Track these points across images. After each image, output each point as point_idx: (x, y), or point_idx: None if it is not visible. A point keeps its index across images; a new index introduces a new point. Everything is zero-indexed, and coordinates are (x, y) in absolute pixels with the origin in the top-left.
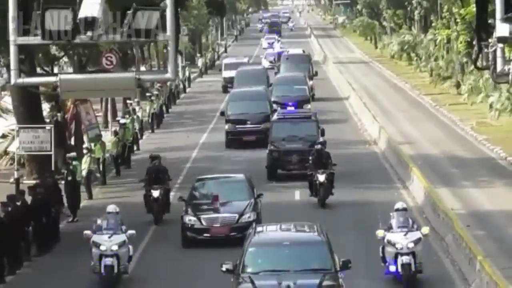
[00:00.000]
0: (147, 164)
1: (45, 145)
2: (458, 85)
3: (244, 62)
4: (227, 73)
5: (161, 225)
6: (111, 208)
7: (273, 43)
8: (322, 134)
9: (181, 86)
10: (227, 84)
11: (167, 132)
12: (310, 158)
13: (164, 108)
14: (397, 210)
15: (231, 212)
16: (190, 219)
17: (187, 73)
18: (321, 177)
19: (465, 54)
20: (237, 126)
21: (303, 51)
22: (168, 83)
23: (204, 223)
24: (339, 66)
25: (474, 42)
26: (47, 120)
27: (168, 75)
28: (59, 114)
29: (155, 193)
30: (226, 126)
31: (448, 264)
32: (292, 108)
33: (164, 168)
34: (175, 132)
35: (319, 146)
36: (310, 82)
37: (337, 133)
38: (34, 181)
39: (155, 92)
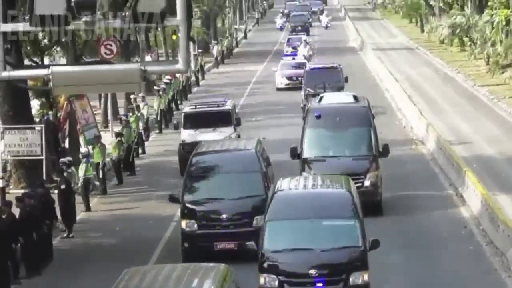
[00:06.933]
0: (153, 170)
1: (35, 148)
2: None
3: (221, 109)
4: (187, 135)
5: None
6: None
7: (296, 46)
8: None
9: (194, 78)
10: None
11: (178, 132)
12: None
13: (172, 104)
14: None
15: None
16: None
17: (200, 63)
18: None
19: None
20: None
21: (355, 98)
22: (179, 75)
23: None
24: (379, 54)
25: None
26: (37, 120)
27: (179, 65)
28: (50, 113)
29: None
30: None
31: (511, 285)
32: None
33: None
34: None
35: None
36: (373, 173)
37: (378, 131)
38: (22, 191)
39: (163, 86)
